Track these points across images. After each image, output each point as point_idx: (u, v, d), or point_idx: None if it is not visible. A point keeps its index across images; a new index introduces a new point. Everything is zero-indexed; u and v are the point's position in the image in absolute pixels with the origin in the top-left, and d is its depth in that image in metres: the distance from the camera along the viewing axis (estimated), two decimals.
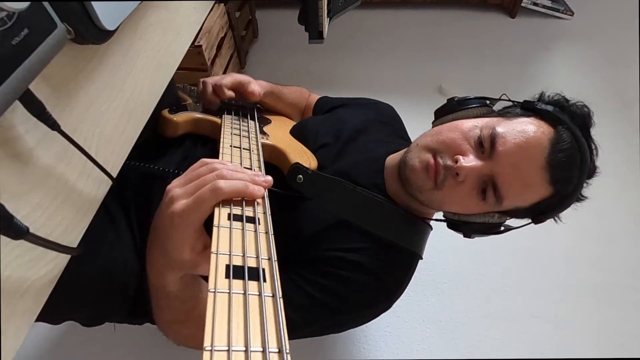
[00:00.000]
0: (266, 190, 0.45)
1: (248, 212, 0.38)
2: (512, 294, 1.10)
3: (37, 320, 0.55)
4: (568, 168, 0.55)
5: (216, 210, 0.37)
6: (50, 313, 0.61)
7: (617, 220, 1.25)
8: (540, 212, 0.60)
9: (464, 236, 0.66)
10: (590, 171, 0.59)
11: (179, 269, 0.42)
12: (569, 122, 0.57)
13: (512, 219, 0.64)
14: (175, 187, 0.40)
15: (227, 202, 0.38)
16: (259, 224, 0.36)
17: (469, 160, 0.57)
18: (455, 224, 0.65)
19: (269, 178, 0.43)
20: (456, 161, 0.57)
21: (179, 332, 0.52)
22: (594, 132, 0.60)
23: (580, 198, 0.60)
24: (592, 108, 0.60)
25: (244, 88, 0.75)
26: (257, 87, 0.75)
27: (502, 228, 0.64)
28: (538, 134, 0.56)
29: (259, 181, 0.41)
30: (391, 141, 0.78)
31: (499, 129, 0.57)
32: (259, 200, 0.40)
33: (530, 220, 0.62)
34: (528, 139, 0.55)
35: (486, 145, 0.57)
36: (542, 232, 1.16)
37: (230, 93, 0.73)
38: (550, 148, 0.55)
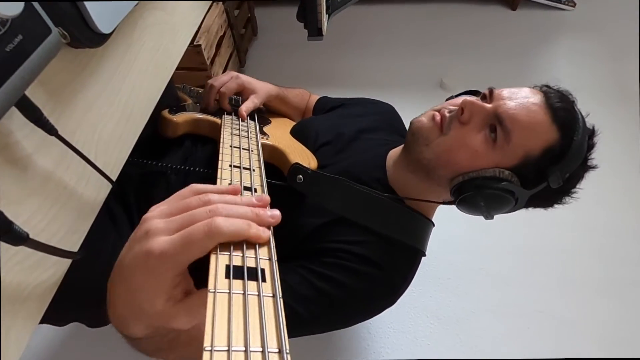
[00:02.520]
0: (266, 188, 0.44)
1: None
2: (516, 289, 1.10)
3: (41, 322, 0.56)
4: (566, 106, 0.58)
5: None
6: (54, 315, 0.61)
7: (620, 213, 1.24)
8: (552, 161, 0.57)
9: (477, 206, 0.60)
10: (591, 134, 0.61)
11: (147, 321, 0.33)
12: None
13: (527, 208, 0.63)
14: (155, 217, 0.31)
15: None
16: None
17: (473, 99, 0.61)
18: (464, 187, 0.59)
19: (277, 213, 0.35)
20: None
21: (167, 356, 0.46)
22: (595, 123, 0.62)
23: (589, 165, 0.60)
24: (593, 100, 0.63)
25: (245, 96, 0.78)
26: (250, 105, 0.75)
27: (516, 195, 0.58)
28: (531, 89, 0.62)
29: (265, 218, 0.33)
30: (391, 140, 0.78)
31: (495, 88, 0.62)
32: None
33: (545, 182, 0.58)
34: (522, 88, 0.61)
35: (487, 98, 0.62)
36: (545, 226, 1.18)
37: (228, 107, 0.76)
38: (544, 94, 0.60)
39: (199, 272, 0.29)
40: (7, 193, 0.29)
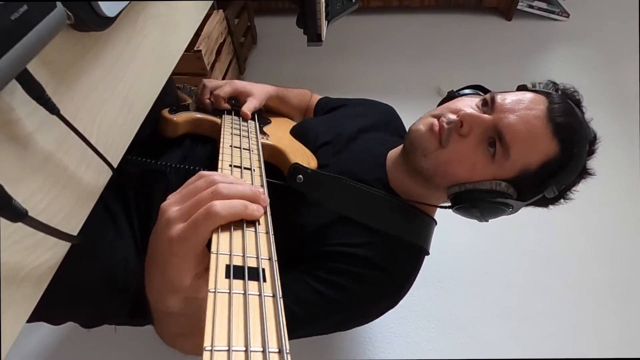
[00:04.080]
0: (266, 187, 0.45)
1: None
2: (519, 292, 1.09)
3: (38, 319, 0.54)
4: (568, 119, 0.57)
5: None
6: (50, 312, 0.60)
7: (622, 216, 1.25)
8: (549, 175, 0.57)
9: (473, 214, 0.61)
10: (592, 141, 0.60)
11: (181, 293, 0.38)
12: (559, 94, 0.63)
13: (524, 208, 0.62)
14: (171, 205, 0.36)
15: None
16: (259, 223, 0.36)
17: (472, 110, 0.60)
18: (461, 198, 0.60)
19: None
20: (459, 113, 0.59)
21: (184, 344, 0.50)
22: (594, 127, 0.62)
23: (588, 172, 0.60)
24: (590, 107, 0.63)
25: (242, 99, 0.77)
26: (251, 105, 0.75)
27: (511, 205, 0.59)
28: (534, 96, 0.60)
29: (262, 197, 0.37)
30: (391, 140, 0.78)
31: (498, 94, 0.61)
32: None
33: (541, 194, 0.59)
34: (525, 95, 0.60)
35: (488, 105, 0.60)
36: (549, 230, 1.17)
37: (226, 105, 0.75)
38: (547, 104, 0.58)
39: None
40: (6, 170, 0.29)
